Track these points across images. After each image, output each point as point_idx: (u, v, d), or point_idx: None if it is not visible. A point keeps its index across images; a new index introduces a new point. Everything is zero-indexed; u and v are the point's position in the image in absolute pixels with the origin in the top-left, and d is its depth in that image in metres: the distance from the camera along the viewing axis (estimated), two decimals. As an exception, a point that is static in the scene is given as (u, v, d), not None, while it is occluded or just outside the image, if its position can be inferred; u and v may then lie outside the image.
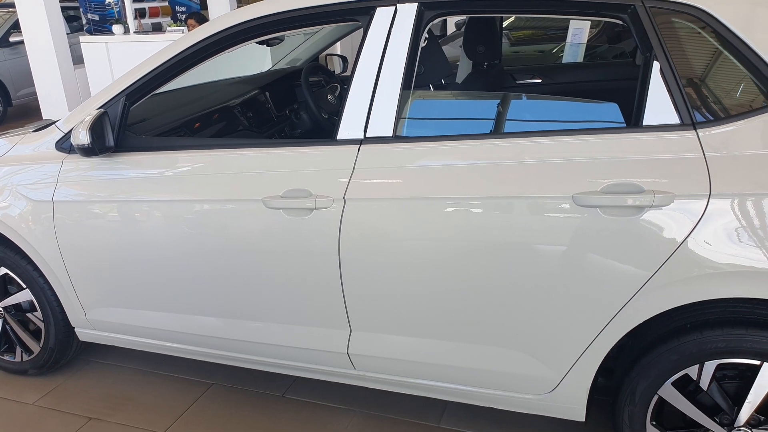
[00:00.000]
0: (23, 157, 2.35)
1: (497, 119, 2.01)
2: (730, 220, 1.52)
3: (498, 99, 2.10)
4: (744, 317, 1.62)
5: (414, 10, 1.84)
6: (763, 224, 1.50)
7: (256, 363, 2.22)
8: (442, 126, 2.03)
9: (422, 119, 1.96)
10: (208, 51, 2.07)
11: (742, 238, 1.51)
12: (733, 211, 1.52)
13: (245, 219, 1.96)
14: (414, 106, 1.92)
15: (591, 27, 3.89)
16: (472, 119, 2.05)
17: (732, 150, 1.54)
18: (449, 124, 2.05)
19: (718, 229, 1.53)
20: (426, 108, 2.03)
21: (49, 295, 2.41)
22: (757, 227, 1.50)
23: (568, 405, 1.84)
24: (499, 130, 1.91)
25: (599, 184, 1.61)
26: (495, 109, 2.08)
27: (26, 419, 2.39)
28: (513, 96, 2.06)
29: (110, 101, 2.14)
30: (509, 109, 2.06)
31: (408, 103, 1.89)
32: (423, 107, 2.00)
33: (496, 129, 1.94)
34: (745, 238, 1.51)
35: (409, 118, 1.89)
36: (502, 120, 2.00)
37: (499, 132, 1.80)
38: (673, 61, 1.60)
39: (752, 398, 1.62)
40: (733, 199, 1.52)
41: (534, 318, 1.75)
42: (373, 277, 1.86)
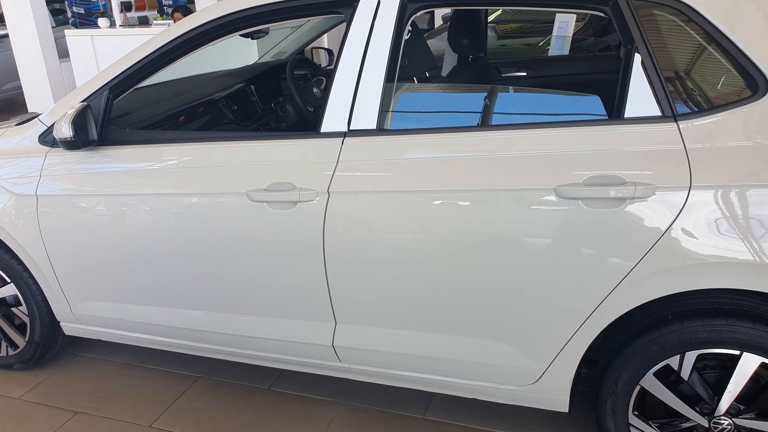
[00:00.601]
0: (6, 151, 2.33)
1: (480, 112, 2.02)
2: (710, 211, 1.53)
3: (481, 92, 2.10)
4: (724, 308, 1.64)
5: (397, 2, 1.84)
6: (742, 215, 1.51)
7: (242, 356, 2.22)
8: (426, 119, 2.03)
9: (406, 112, 1.96)
10: (191, 44, 2.06)
11: (723, 230, 1.53)
12: (714, 202, 1.53)
13: (230, 212, 1.96)
14: (397, 99, 1.92)
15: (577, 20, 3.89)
16: (455, 112, 2.05)
17: (712, 142, 1.55)
18: (432, 117, 2.05)
19: (698, 220, 1.54)
20: (409, 101, 2.03)
21: (34, 289, 2.40)
22: (737, 218, 1.52)
23: (552, 396, 1.86)
24: (482, 123, 1.92)
25: (581, 176, 1.62)
26: (478, 102, 2.09)
27: (12, 413, 2.38)
28: (496, 89, 2.07)
29: (93, 94, 2.12)
30: (492, 102, 2.06)
31: (392, 96, 1.89)
32: (406, 100, 2.00)
33: (478, 122, 1.94)
34: (725, 230, 1.53)
35: (392, 111, 1.90)
36: (484, 113, 2.01)
37: (482, 125, 1.81)
38: (655, 54, 1.61)
39: (732, 387, 1.64)
40: (713, 191, 1.53)
41: (517, 310, 1.76)
42: (357, 269, 1.86)
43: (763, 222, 1.50)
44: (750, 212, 1.50)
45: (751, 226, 1.50)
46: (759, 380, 1.64)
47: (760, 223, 1.50)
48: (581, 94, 1.87)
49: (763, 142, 1.52)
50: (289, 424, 2.25)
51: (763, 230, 1.50)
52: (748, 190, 1.51)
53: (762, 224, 1.50)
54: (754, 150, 1.52)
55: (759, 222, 1.50)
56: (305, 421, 2.27)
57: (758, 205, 1.50)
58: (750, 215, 1.50)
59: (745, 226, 1.51)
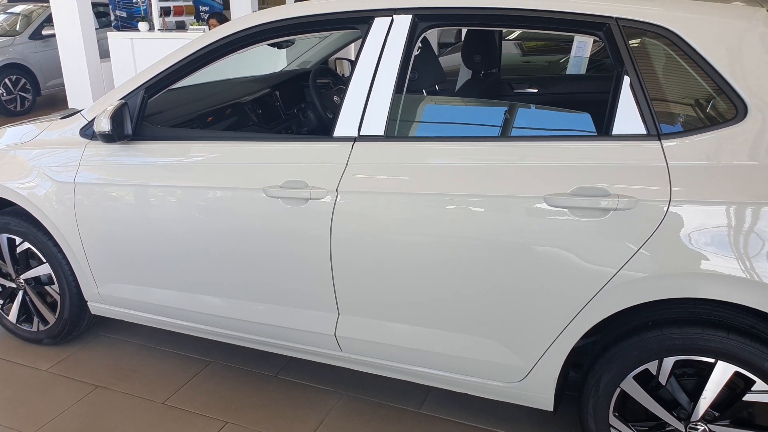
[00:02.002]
0: (50, 142, 2.54)
1: (479, 124, 2.15)
2: (687, 225, 1.64)
3: (482, 106, 2.24)
4: (701, 317, 1.73)
5: (408, 21, 1.99)
6: (717, 230, 1.61)
7: (252, 342, 2.37)
8: (429, 128, 2.18)
9: (412, 121, 2.11)
10: (221, 51, 2.24)
11: (698, 243, 1.63)
12: (691, 217, 1.64)
13: (248, 206, 2.12)
14: (405, 109, 2.06)
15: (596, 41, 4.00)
16: (457, 123, 2.19)
17: (693, 160, 1.66)
18: (435, 127, 2.19)
19: (676, 233, 1.65)
20: (416, 111, 2.18)
21: (66, 269, 2.60)
22: (712, 233, 1.62)
23: (538, 394, 1.97)
24: (480, 135, 2.05)
25: (569, 186, 1.74)
26: (479, 114, 2.22)
27: (39, 384, 2.57)
28: (496, 103, 2.20)
29: (131, 93, 2.32)
30: (491, 116, 2.20)
31: (399, 106, 2.03)
32: (413, 110, 2.14)
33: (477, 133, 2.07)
34: (701, 243, 1.63)
35: (399, 120, 2.04)
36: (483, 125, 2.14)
37: (480, 136, 1.94)
38: (642, 76, 1.73)
39: (707, 394, 1.73)
40: (691, 206, 1.64)
41: (506, 310, 1.88)
42: (360, 264, 2.00)
43: (735, 237, 1.60)
44: (724, 228, 1.61)
45: (725, 241, 1.61)
46: (734, 388, 1.72)
47: (733, 239, 1.60)
48: (573, 111, 2.00)
49: (740, 163, 1.62)
50: (292, 410, 2.40)
51: (735, 245, 1.60)
52: (723, 206, 1.61)
53: (734, 239, 1.60)
54: (731, 170, 1.63)
55: (732, 237, 1.60)
56: (307, 407, 2.41)
57: (732, 221, 1.60)
58: (724, 231, 1.61)
59: (719, 240, 1.61)
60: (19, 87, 8.29)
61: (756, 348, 1.63)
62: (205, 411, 2.39)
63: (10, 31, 8.69)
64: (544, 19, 1.87)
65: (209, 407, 2.41)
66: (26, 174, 2.51)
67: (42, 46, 8.60)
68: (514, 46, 6.23)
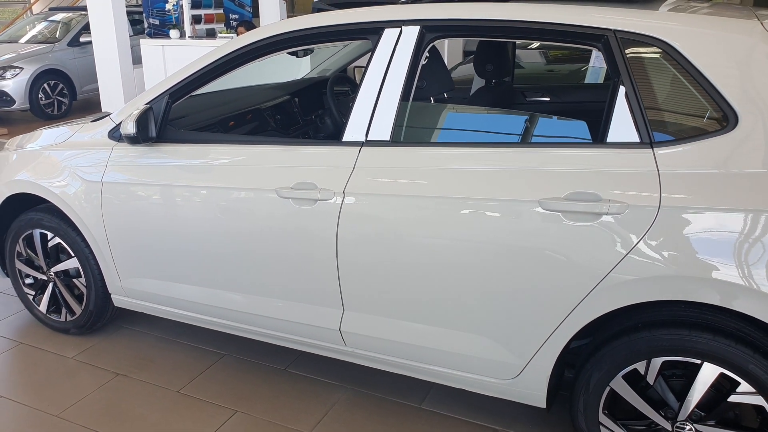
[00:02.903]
0: (81, 143, 2.70)
1: (480, 131, 2.24)
2: (676, 230, 1.70)
3: (484, 114, 2.33)
4: (690, 320, 1.79)
5: (416, 32, 2.10)
6: (704, 236, 1.68)
7: (262, 335, 2.49)
8: (433, 134, 2.27)
9: (416, 127, 2.21)
10: (239, 60, 2.37)
11: (686, 248, 1.69)
12: (679, 222, 1.70)
13: (261, 206, 2.24)
14: (410, 116, 2.16)
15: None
16: (459, 130, 2.29)
17: (683, 168, 1.73)
18: (439, 133, 2.29)
19: (665, 237, 1.71)
20: (420, 118, 2.28)
21: (93, 263, 2.75)
22: (699, 239, 1.68)
23: (531, 391, 2.04)
24: (481, 141, 2.14)
25: (563, 191, 1.82)
26: (480, 122, 2.31)
27: (65, 370, 2.73)
28: (497, 111, 2.29)
29: (156, 98, 2.47)
30: (492, 123, 2.28)
31: (405, 113, 2.14)
32: (418, 117, 2.24)
33: (478, 139, 2.16)
34: (688, 248, 1.69)
35: (405, 126, 2.14)
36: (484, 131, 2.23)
37: (480, 142, 2.03)
38: (638, 86, 1.81)
39: (693, 395, 1.78)
40: (680, 212, 1.70)
41: (501, 309, 1.96)
42: (363, 262, 2.11)
43: (720, 243, 1.66)
44: (711, 233, 1.67)
45: (711, 246, 1.67)
46: (720, 390, 1.78)
47: (718, 244, 1.66)
48: (570, 119, 2.07)
49: (729, 171, 1.68)
50: (298, 401, 2.50)
51: (721, 250, 1.66)
52: (711, 212, 1.67)
53: (720, 245, 1.66)
54: (720, 177, 1.69)
55: (718, 242, 1.66)
56: (313, 400, 2.51)
57: (719, 227, 1.66)
58: (710, 236, 1.67)
59: (706, 245, 1.67)
60: (56, 92, 8.62)
61: (741, 350, 1.68)
62: (216, 400, 2.51)
63: (51, 38, 9.06)
64: (546, 31, 1.95)
65: (221, 396, 2.54)
66: (58, 173, 2.68)
67: (79, 52, 8.93)
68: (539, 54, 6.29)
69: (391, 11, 2.15)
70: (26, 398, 2.53)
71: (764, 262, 1.62)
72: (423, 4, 2.13)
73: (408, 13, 2.13)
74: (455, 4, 2.08)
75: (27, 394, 2.56)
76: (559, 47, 6.24)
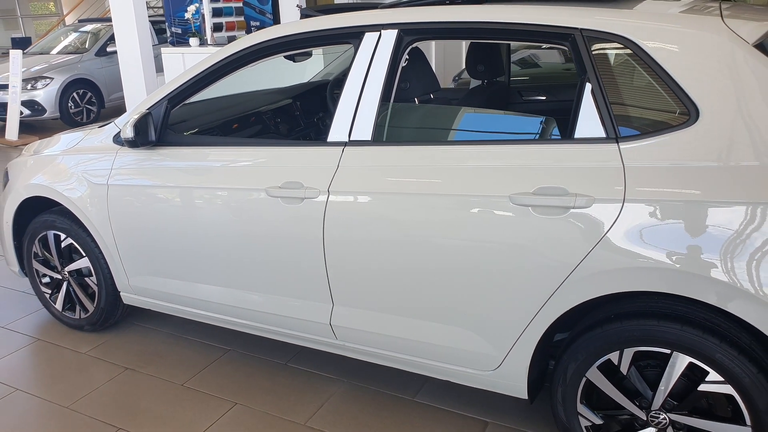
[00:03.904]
0: (89, 148, 2.85)
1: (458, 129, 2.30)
2: (640, 222, 1.74)
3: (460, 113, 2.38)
4: (660, 311, 1.82)
5: (395, 35, 2.17)
6: (667, 227, 1.70)
7: (258, 329, 2.59)
8: (412, 134, 2.34)
9: (396, 127, 2.27)
10: (233, 65, 2.48)
11: (650, 239, 1.73)
12: (644, 214, 1.73)
13: (252, 205, 2.34)
14: (390, 116, 2.24)
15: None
16: (437, 129, 2.35)
17: (647, 162, 1.76)
18: (417, 132, 2.35)
19: (630, 229, 1.75)
20: (400, 118, 2.34)
21: (103, 263, 2.90)
22: (663, 230, 1.71)
23: (512, 382, 2.09)
24: (456, 139, 2.20)
25: (532, 186, 1.87)
26: (457, 121, 2.37)
27: (78, 364, 2.88)
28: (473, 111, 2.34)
29: (155, 104, 2.59)
30: (468, 122, 2.34)
31: (385, 113, 2.21)
32: (398, 117, 2.31)
33: (455, 137, 2.22)
34: (653, 239, 1.72)
35: (386, 126, 2.22)
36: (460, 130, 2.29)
37: (456, 140, 2.09)
38: (603, 83, 1.85)
39: (665, 384, 1.81)
40: (644, 204, 1.74)
41: (478, 302, 2.02)
42: (348, 257, 2.19)
43: (683, 233, 1.68)
44: (674, 224, 1.70)
45: (675, 237, 1.69)
46: (690, 379, 1.80)
47: (681, 235, 1.69)
48: (541, 116, 2.12)
49: (691, 164, 1.71)
50: (296, 394, 2.60)
51: (684, 241, 1.69)
52: (673, 204, 1.70)
53: (682, 235, 1.68)
54: (682, 171, 1.71)
55: (681, 233, 1.69)
56: (310, 392, 2.60)
57: (682, 218, 1.69)
58: (674, 227, 1.70)
59: (670, 236, 1.70)
60: (85, 100, 8.95)
61: (708, 340, 1.71)
62: (218, 392, 2.63)
63: (80, 48, 9.40)
64: (516, 31, 2.00)
65: (223, 389, 2.65)
66: (69, 177, 2.84)
67: (106, 62, 9.25)
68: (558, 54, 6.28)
69: (371, 16, 2.23)
70: (40, 391, 2.68)
71: (724, 252, 1.64)
72: (400, 9, 2.21)
73: (386, 17, 2.20)
74: (431, 8, 2.14)
75: (41, 387, 2.71)
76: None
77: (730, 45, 1.73)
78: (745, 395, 1.68)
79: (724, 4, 1.97)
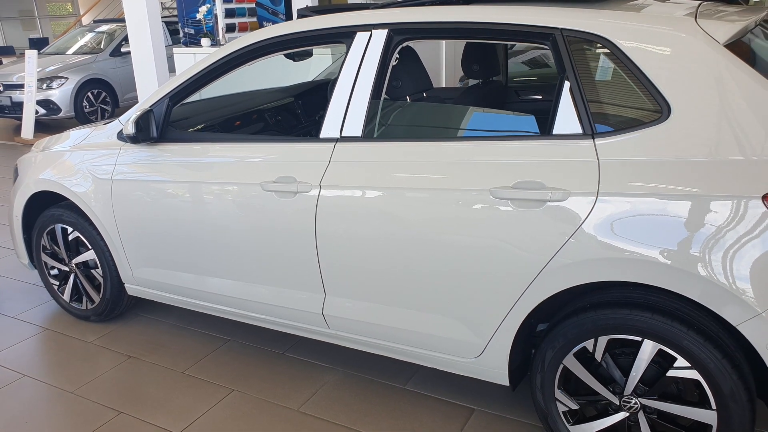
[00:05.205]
0: (95, 145, 2.97)
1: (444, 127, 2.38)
2: (613, 215, 1.81)
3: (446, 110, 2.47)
4: (633, 300, 1.89)
5: (385, 35, 2.26)
6: (638, 220, 1.77)
7: (254, 319, 2.69)
8: (400, 130, 2.42)
9: (385, 124, 2.36)
10: (231, 64, 2.57)
11: (621, 231, 1.79)
12: (616, 207, 1.80)
13: (247, 198, 2.44)
14: (380, 113, 2.32)
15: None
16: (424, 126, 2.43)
17: (620, 157, 1.83)
18: (405, 129, 2.44)
19: (603, 222, 1.82)
20: (389, 115, 2.43)
21: (108, 255, 3.02)
22: (634, 223, 1.78)
23: (494, 369, 2.16)
24: (442, 136, 2.28)
25: (512, 180, 1.94)
26: (443, 118, 2.45)
27: (85, 353, 3.00)
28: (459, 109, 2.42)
29: (157, 102, 2.70)
30: (454, 119, 2.42)
31: (376, 110, 2.29)
32: (387, 114, 2.40)
33: (441, 134, 2.31)
34: (624, 231, 1.79)
35: (375, 122, 2.30)
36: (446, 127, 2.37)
37: (441, 137, 2.17)
38: (581, 81, 1.92)
39: (636, 370, 1.88)
40: (616, 198, 1.80)
41: (461, 291, 2.09)
42: (339, 249, 2.28)
43: (653, 226, 1.75)
44: (643, 217, 1.77)
45: (645, 230, 1.76)
46: (659, 365, 1.86)
47: (651, 227, 1.76)
48: (522, 114, 2.19)
49: (662, 159, 1.78)
50: (291, 382, 2.69)
51: (652, 233, 1.75)
52: (645, 198, 1.77)
53: (652, 228, 1.75)
54: (654, 165, 1.78)
55: (651, 226, 1.76)
56: (305, 380, 2.70)
57: (651, 211, 1.76)
58: (643, 220, 1.77)
59: (640, 229, 1.77)
60: (100, 100, 9.14)
61: (676, 327, 1.77)
62: (216, 380, 2.73)
63: (95, 49, 9.59)
64: (500, 31, 2.08)
65: (221, 377, 2.75)
66: (75, 173, 2.96)
67: (121, 62, 9.44)
68: None
69: (362, 16, 2.31)
70: (47, 377, 2.80)
71: (692, 244, 1.71)
72: (390, 9, 2.29)
73: (377, 17, 2.28)
74: (419, 9, 2.23)
75: (48, 373, 2.83)
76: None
77: (701, 45, 1.79)
78: (710, 380, 1.75)
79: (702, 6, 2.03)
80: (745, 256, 1.66)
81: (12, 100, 8.73)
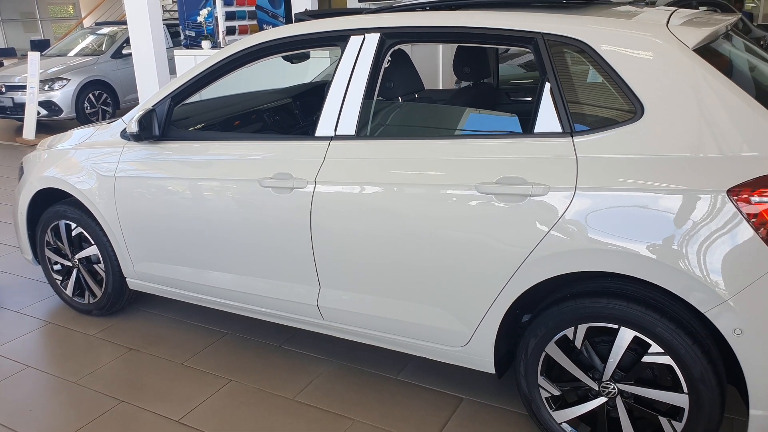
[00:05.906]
0: (99, 143, 3.07)
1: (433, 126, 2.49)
2: (589, 209, 1.91)
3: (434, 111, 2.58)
4: (611, 290, 1.99)
5: (377, 38, 2.36)
6: (614, 213, 1.87)
7: (251, 311, 2.79)
8: (391, 129, 2.53)
9: (378, 123, 2.46)
10: (230, 66, 2.68)
11: (598, 224, 1.90)
12: (592, 202, 1.91)
13: (246, 195, 2.54)
14: (373, 112, 2.42)
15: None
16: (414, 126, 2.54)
17: (597, 154, 1.93)
18: (397, 129, 2.54)
19: (580, 216, 1.92)
20: (381, 114, 2.53)
21: (110, 250, 3.11)
22: (610, 216, 1.88)
23: (480, 357, 2.26)
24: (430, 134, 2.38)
25: (495, 176, 2.05)
26: (433, 118, 2.56)
27: (87, 345, 3.10)
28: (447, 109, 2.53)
29: (160, 102, 2.80)
30: (443, 119, 2.52)
31: (368, 110, 2.40)
32: (379, 114, 2.50)
33: (429, 133, 2.41)
34: (600, 225, 1.89)
35: (368, 122, 2.40)
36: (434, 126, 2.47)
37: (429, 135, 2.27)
38: (561, 82, 2.02)
39: (613, 357, 1.98)
40: (593, 192, 1.91)
41: (448, 282, 2.19)
42: (333, 242, 2.37)
43: (627, 219, 1.85)
44: (619, 211, 1.87)
45: (620, 223, 1.86)
46: (635, 351, 1.96)
47: (626, 221, 1.86)
48: (505, 114, 2.30)
49: (636, 156, 1.88)
50: (287, 373, 2.79)
51: (628, 226, 1.85)
52: (619, 192, 1.87)
53: (627, 221, 1.85)
54: (627, 162, 1.88)
55: (626, 219, 1.86)
56: (300, 371, 2.79)
57: (626, 206, 1.86)
58: (619, 214, 1.87)
59: (615, 222, 1.87)
60: (101, 101, 9.25)
61: (650, 315, 1.87)
62: (214, 371, 2.83)
63: (97, 51, 9.71)
64: (485, 35, 2.18)
65: (219, 368, 2.85)
66: (79, 170, 3.06)
67: (122, 64, 9.55)
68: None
69: (356, 20, 2.42)
70: (50, 368, 2.90)
71: (664, 236, 1.81)
72: (383, 14, 2.40)
73: (370, 22, 2.39)
74: (410, 14, 2.33)
75: (50, 364, 2.93)
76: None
77: (672, 49, 1.90)
78: (682, 365, 1.85)
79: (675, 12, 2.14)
80: (709, 245, 1.76)
81: (14, 101, 8.84)
